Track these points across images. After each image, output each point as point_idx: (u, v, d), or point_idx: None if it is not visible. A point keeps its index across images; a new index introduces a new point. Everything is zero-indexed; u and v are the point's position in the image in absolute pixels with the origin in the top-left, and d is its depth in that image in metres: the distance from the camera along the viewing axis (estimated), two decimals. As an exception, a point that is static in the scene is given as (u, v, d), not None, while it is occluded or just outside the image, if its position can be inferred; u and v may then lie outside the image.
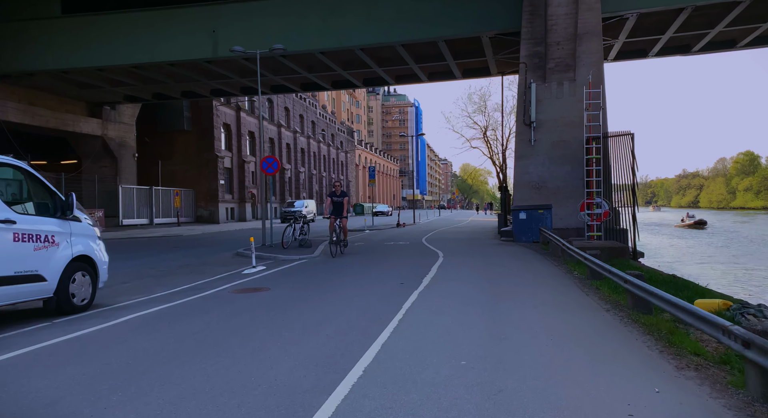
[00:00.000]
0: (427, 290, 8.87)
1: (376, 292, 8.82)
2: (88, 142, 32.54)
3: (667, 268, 19.48)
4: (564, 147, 20.47)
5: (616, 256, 12.48)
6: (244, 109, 45.95)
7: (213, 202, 40.94)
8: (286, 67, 26.90)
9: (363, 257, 14.05)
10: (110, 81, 28.29)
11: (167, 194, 37.51)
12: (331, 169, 73.35)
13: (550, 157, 20.62)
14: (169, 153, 41.05)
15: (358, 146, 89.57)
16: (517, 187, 21.04)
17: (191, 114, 40.73)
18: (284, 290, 9.14)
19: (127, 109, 35.12)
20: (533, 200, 20.64)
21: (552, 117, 20.58)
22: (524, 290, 8.80)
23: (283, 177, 54.97)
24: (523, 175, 20.89)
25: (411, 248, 16.66)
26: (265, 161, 16.57)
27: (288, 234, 15.68)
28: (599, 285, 8.88)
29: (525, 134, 20.88)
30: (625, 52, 27.35)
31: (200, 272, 11.91)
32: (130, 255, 16.05)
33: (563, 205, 20.30)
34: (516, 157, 21.32)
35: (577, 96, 20.30)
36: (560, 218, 19.99)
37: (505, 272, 10.92)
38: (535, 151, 20.75)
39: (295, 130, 59.43)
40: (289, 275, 11.00)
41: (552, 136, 20.58)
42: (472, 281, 9.79)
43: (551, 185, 20.54)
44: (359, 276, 10.72)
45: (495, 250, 15.70)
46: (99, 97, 31.68)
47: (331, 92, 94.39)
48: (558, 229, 19.61)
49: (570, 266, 11.52)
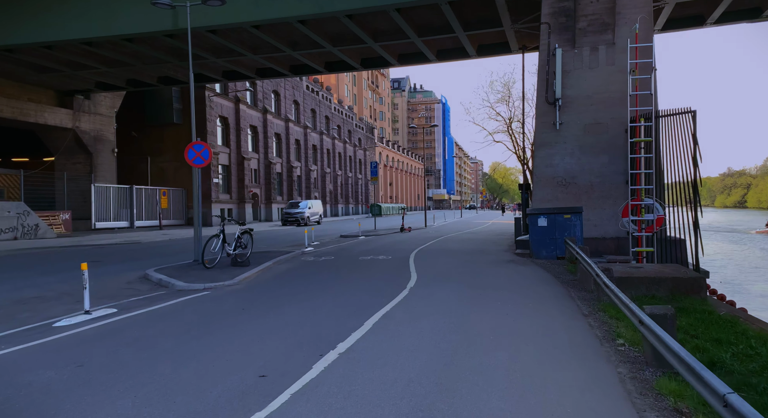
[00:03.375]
0: (297, 404, 4.37)
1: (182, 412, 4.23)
2: (58, 135, 29.23)
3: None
4: (599, 131, 15.72)
5: (685, 292, 7.81)
6: (244, 101, 42.22)
7: (206, 203, 37.27)
8: (264, 43, 22.82)
9: (290, 288, 9.68)
10: (69, 63, 24.78)
11: (152, 194, 34.01)
12: (347, 168, 69.29)
13: (581, 144, 15.91)
14: (158, 149, 37.63)
15: (378, 144, 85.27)
16: (538, 185, 16.38)
17: (182, 106, 37.19)
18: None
19: (104, 99, 31.72)
20: (558, 201, 16.00)
21: (584, 93, 15.84)
22: (524, 399, 4.26)
23: (292, 175, 51.15)
24: (545, 168, 16.23)
25: (382, 268, 12.06)
26: (191, 149, 12.44)
27: (213, 248, 11.46)
28: (680, 389, 4.27)
29: (548, 116, 16.20)
30: (676, 20, 22.16)
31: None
32: None
33: (598, 207, 15.58)
34: (536, 146, 16.65)
35: (618, 64, 15.54)
36: (594, 224, 15.28)
37: (495, 333, 6.36)
38: (561, 137, 16.06)
39: (306, 126, 55.55)
40: (118, 335, 6.49)
41: (583, 118, 15.85)
42: (414, 371, 4.92)
43: (582, 181, 15.83)
44: (224, 343, 6.19)
45: (498, 274, 11.08)
46: (67, 84, 28.31)
47: (352, 87, 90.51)
48: (591, 239, 14.91)
49: (610, 312, 6.96)
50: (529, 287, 9.23)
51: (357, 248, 17.79)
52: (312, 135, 57.56)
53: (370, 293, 8.74)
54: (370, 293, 8.82)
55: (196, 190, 13.17)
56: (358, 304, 7.95)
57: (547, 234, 13.83)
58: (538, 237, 13.93)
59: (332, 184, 63.55)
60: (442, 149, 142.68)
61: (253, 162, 44.38)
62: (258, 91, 45.40)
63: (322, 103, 61.40)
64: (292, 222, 38.29)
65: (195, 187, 13.07)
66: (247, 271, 11.07)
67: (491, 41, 24.30)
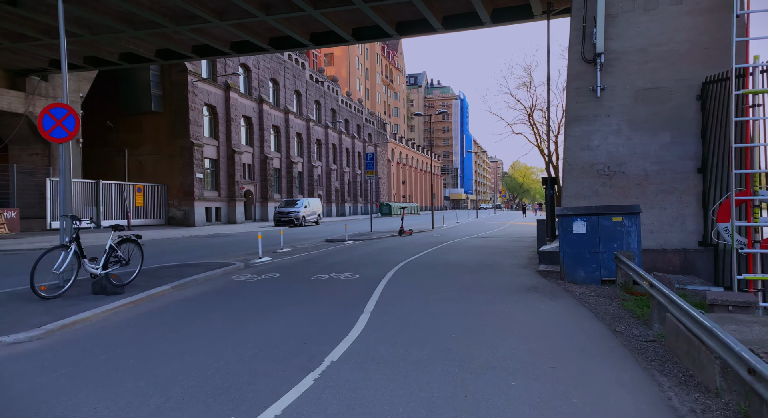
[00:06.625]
0: None
1: None
2: (8, 121, 25.51)
3: None
4: (659, 99, 11.20)
5: None
6: (235, 88, 38.21)
7: (188, 201, 33.38)
8: (230, 4, 18.68)
9: (120, 351, 5.44)
10: (4, 33, 20.97)
11: (124, 190, 30.15)
12: (356, 165, 65.00)
13: (631, 118, 11.42)
14: (137, 140, 33.82)
15: (391, 139, 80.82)
16: (570, 175, 11.91)
17: (162, 92, 33.32)
18: None
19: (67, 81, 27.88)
20: (598, 197, 11.56)
21: (636, 45, 11.33)
22: None
23: (292, 171, 47.07)
24: (580, 152, 11.75)
25: (325, 303, 7.35)
26: (48, 114, 8.24)
27: (58, 267, 7.22)
28: None
29: (584, 79, 11.69)
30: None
31: None
32: None
33: (655, 205, 11.12)
34: (567, 122, 12.14)
35: (686, 3, 11.00)
36: (648, 230, 10.80)
37: None
38: (602, 108, 11.57)
39: (309, 118, 51.42)
40: None
41: (635, 81, 11.34)
42: None
43: (632, 170, 11.37)
44: None
45: (509, 322, 6.46)
46: (14, 62, 24.59)
47: (364, 81, 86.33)
48: (645, 251, 10.43)
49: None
50: (570, 362, 4.79)
51: (326, 259, 13.47)
52: (316, 128, 53.42)
53: (223, 392, 4.28)
54: (225, 391, 4.35)
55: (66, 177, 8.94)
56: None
57: (586, 245, 9.34)
58: (572, 249, 9.44)
59: (339, 182, 59.37)
60: (459, 147, 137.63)
61: (246, 156, 40.40)
62: (253, 79, 41.41)
63: (328, 94, 57.24)
64: (285, 222, 34.22)
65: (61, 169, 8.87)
66: (103, 305, 6.85)
67: (509, 4, 19.82)
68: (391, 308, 7.01)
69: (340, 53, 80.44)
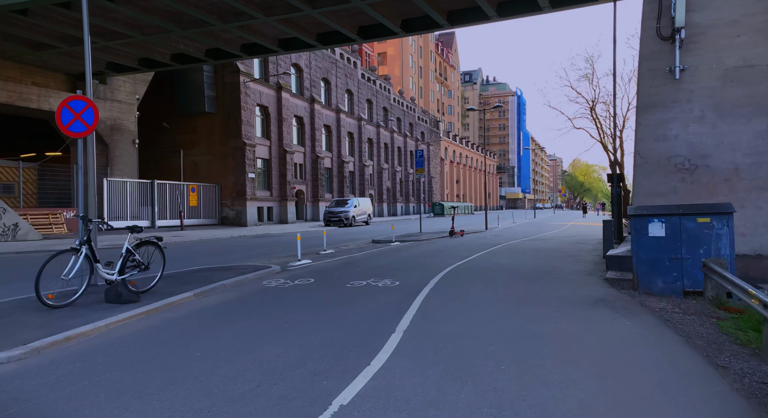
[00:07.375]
0: None
1: None
2: (68, 124, 26.21)
3: None
4: (754, 79, 9.58)
5: None
6: (287, 88, 38.12)
7: (240, 200, 33.50)
8: (229, 6, 18.17)
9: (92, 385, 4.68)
10: (63, 37, 21.45)
11: (178, 190, 30.53)
12: (407, 164, 63.99)
13: (717, 102, 9.84)
14: (191, 141, 34.31)
15: (444, 138, 79.26)
16: (642, 170, 10.44)
17: (215, 93, 33.60)
18: None
19: (123, 84, 28.55)
20: (676, 195, 10.07)
21: (726, 16, 9.74)
22: None
23: (343, 171, 46.67)
24: (655, 143, 10.27)
25: (351, 319, 6.15)
26: (66, 107, 7.75)
27: (67, 273, 6.61)
28: None
29: (660, 59, 10.19)
30: None
31: None
32: None
33: (748, 204, 9.54)
34: (639, 108, 10.64)
35: (788, -36, 9.32)
36: (740, 233, 9.20)
37: None
38: (682, 91, 10.04)
39: (360, 117, 50.88)
40: None
41: (723, 58, 9.74)
42: None
43: (719, 164, 9.79)
44: None
45: (576, 346, 5.21)
46: (73, 66, 25.31)
47: (417, 79, 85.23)
48: (740, 257, 8.88)
49: None
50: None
51: (368, 262, 12.56)
52: (367, 127, 52.83)
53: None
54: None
55: (90, 176, 8.49)
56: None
57: (665, 250, 7.93)
58: (648, 255, 8.06)
59: (390, 181, 58.57)
60: (516, 144, 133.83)
61: (297, 156, 40.29)
62: (304, 79, 41.27)
63: (380, 93, 56.55)
64: (335, 222, 33.74)
65: (80, 167, 8.41)
66: (109, 317, 6.21)
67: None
68: (429, 325, 5.98)
69: (393, 52, 79.70)
